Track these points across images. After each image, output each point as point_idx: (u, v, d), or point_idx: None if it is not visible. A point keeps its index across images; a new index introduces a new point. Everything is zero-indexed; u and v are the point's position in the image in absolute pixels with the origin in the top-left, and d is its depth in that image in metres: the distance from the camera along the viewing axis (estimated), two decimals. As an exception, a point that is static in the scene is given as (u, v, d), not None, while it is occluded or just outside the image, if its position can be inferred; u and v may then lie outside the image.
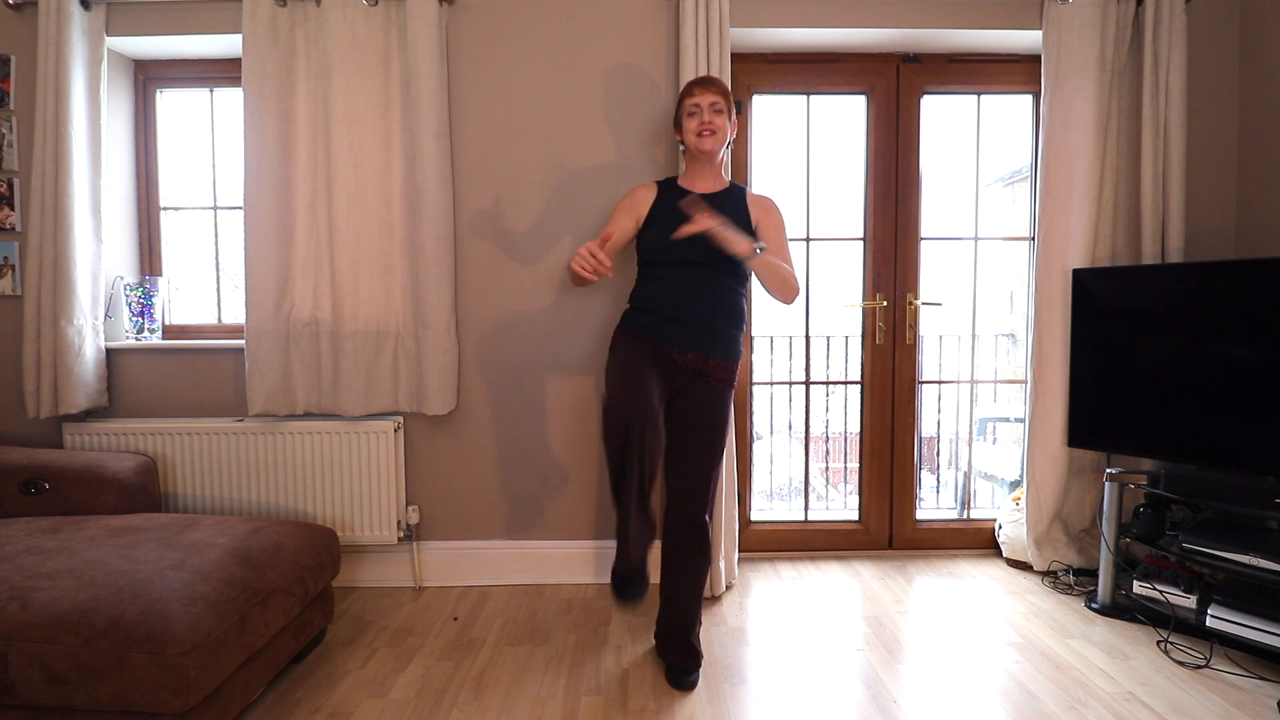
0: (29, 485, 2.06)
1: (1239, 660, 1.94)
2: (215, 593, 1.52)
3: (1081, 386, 2.35)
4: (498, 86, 2.43)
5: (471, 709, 1.75)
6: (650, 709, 1.75)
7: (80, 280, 2.32)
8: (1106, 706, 1.74)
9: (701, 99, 1.87)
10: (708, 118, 1.86)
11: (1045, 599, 2.37)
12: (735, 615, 2.27)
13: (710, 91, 1.87)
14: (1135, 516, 2.26)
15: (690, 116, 1.89)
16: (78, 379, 2.32)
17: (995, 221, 6.81)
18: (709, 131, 1.86)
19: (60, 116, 2.26)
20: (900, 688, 1.84)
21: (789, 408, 4.73)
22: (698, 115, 1.88)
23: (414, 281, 2.37)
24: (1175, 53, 2.34)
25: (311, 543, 1.90)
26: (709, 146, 1.87)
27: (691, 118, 1.89)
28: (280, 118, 2.31)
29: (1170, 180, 2.37)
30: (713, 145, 1.87)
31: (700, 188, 1.94)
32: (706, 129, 1.86)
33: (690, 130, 1.89)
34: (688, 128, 1.90)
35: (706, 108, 1.87)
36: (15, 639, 1.37)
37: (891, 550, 2.79)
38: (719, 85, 1.89)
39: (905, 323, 2.73)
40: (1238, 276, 2.02)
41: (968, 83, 2.68)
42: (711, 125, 1.86)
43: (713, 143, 1.87)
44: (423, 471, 2.51)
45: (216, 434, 2.40)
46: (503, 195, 2.45)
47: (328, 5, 2.29)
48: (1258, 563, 1.93)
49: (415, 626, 2.20)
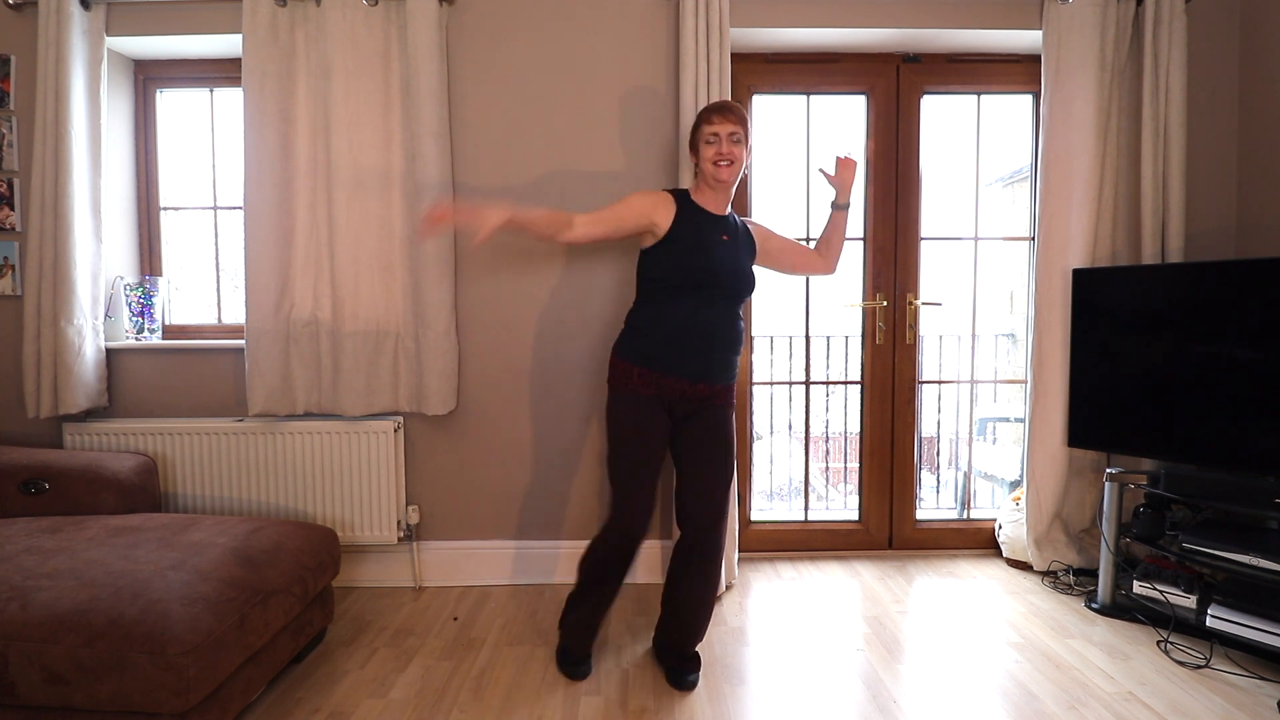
0: (29, 485, 2.06)
1: (1239, 660, 1.94)
2: (215, 593, 1.52)
3: (1081, 386, 2.35)
4: (498, 86, 2.43)
5: (471, 709, 1.75)
6: (650, 709, 1.75)
7: (80, 280, 2.32)
8: (1106, 706, 1.74)
9: (720, 128, 1.84)
10: (726, 148, 1.83)
11: (1045, 599, 2.37)
12: (735, 615, 2.27)
13: (729, 121, 1.84)
14: (1135, 516, 2.26)
15: (708, 145, 1.86)
16: (78, 379, 2.32)
17: (995, 221, 6.80)
18: (726, 162, 1.84)
19: (60, 116, 2.26)
20: (900, 688, 1.84)
21: (789, 408, 4.73)
22: (716, 144, 1.84)
23: (414, 281, 2.37)
24: (1175, 53, 2.34)
25: (311, 543, 1.90)
26: (726, 178, 1.85)
27: (709, 145, 1.85)
28: (280, 118, 2.31)
29: (1170, 180, 2.37)
30: (729, 176, 1.86)
31: (713, 208, 1.92)
32: (724, 159, 1.84)
33: (707, 158, 1.86)
34: (705, 155, 1.86)
35: (725, 138, 1.84)
36: (15, 639, 1.37)
37: (891, 550, 2.79)
38: (738, 114, 1.86)
39: (905, 323, 2.73)
40: (1238, 276, 2.02)
41: (968, 83, 2.68)
42: (730, 155, 1.84)
43: (730, 174, 1.85)
44: (423, 471, 2.51)
45: (216, 434, 2.40)
46: (502, 194, 2.45)
47: (328, 5, 2.29)
48: (1258, 563, 1.93)
49: (415, 626, 2.20)
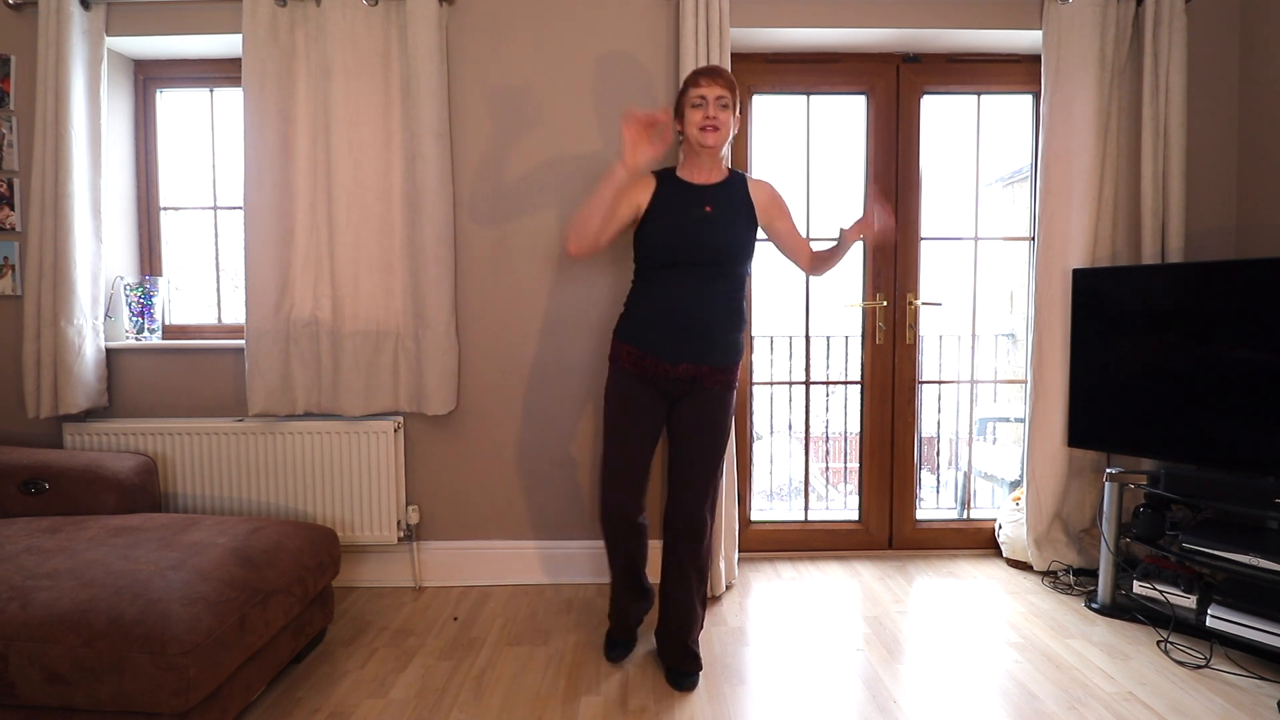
0: (29, 485, 2.06)
1: (1239, 660, 1.94)
2: (215, 593, 1.52)
3: (1081, 386, 2.35)
4: (498, 86, 2.43)
5: (471, 709, 1.75)
6: (650, 709, 1.75)
7: (80, 280, 2.32)
8: (1106, 706, 1.74)
9: (708, 91, 1.77)
10: (713, 112, 1.77)
11: (1045, 599, 2.37)
12: (735, 615, 2.27)
13: (717, 84, 1.78)
14: (1135, 516, 2.26)
15: (694, 108, 1.79)
16: (78, 379, 2.32)
17: (995, 221, 6.81)
18: (712, 128, 1.77)
19: (60, 116, 2.26)
20: (900, 688, 1.84)
21: (789, 408, 4.73)
22: (702, 108, 1.78)
23: (414, 281, 2.37)
24: (1175, 53, 2.34)
25: (311, 543, 1.90)
26: (711, 143, 1.79)
27: (696, 110, 1.78)
28: (280, 118, 2.31)
29: (1170, 180, 2.37)
30: (715, 142, 1.79)
31: (701, 179, 1.87)
32: (710, 124, 1.77)
33: (693, 123, 1.79)
34: (690, 119, 1.79)
35: (712, 101, 1.77)
36: (15, 639, 1.37)
37: (891, 550, 2.79)
38: (726, 78, 1.79)
39: (905, 323, 2.73)
40: (1238, 276, 2.02)
41: (968, 83, 2.68)
42: (715, 121, 1.77)
43: (715, 139, 1.79)
44: (423, 471, 2.51)
45: (216, 434, 2.40)
46: (502, 194, 2.45)
47: (328, 5, 2.29)
48: (1258, 563, 1.93)
49: (415, 626, 2.20)
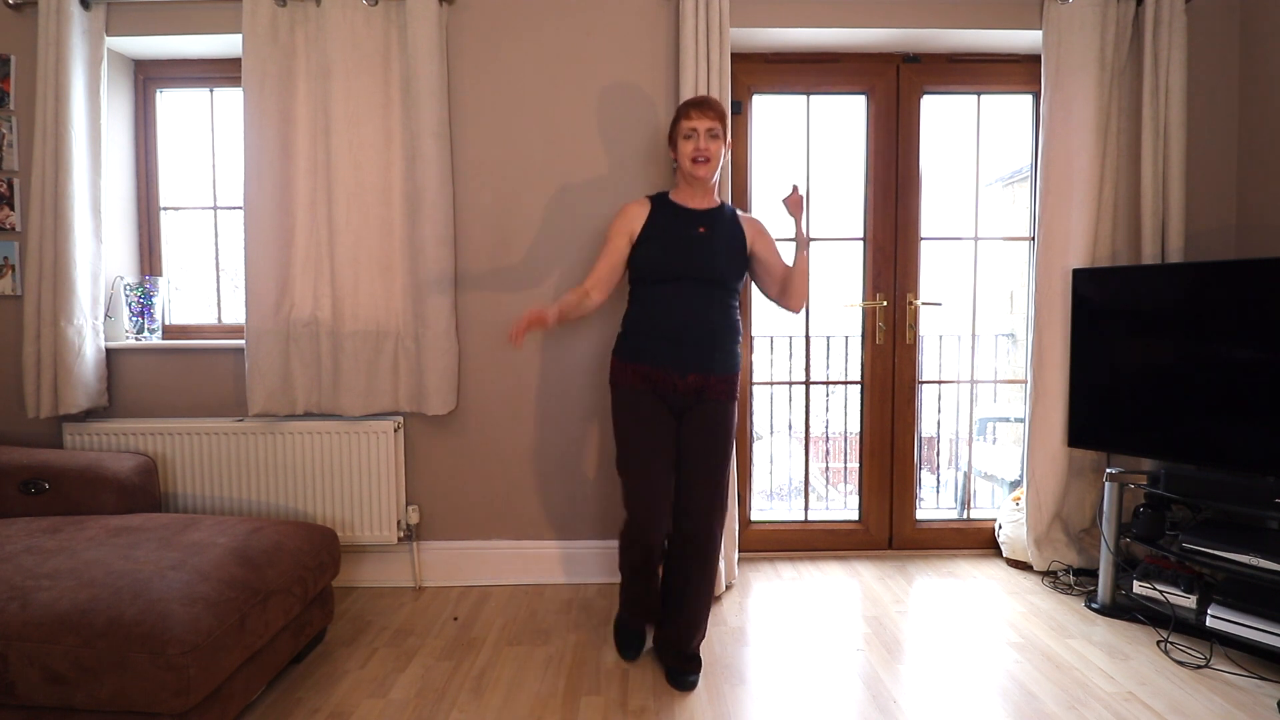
0: (29, 485, 2.06)
1: (1239, 660, 1.94)
2: (215, 593, 1.52)
3: (1081, 386, 2.35)
4: (498, 86, 2.43)
5: (471, 709, 1.75)
6: (650, 709, 1.75)
7: (80, 280, 2.32)
8: (1106, 706, 1.74)
9: (699, 123, 1.84)
10: (704, 144, 1.84)
11: (1045, 599, 2.37)
12: (735, 615, 2.27)
13: (707, 116, 1.84)
14: (1135, 516, 2.26)
15: (686, 140, 1.87)
16: (78, 379, 2.32)
17: (995, 221, 6.81)
18: (704, 159, 1.85)
19: (60, 116, 2.26)
20: (900, 688, 1.84)
21: (789, 408, 4.73)
22: (694, 140, 1.85)
23: (414, 281, 2.37)
24: (1175, 53, 2.34)
25: (311, 543, 1.90)
26: (703, 174, 1.86)
27: (687, 141, 1.87)
28: (280, 118, 2.31)
29: (1170, 180, 2.37)
30: (706, 173, 1.86)
31: (694, 204, 1.93)
32: (701, 155, 1.85)
33: (685, 154, 1.87)
34: (683, 150, 1.88)
35: (703, 133, 1.84)
36: (15, 639, 1.37)
37: (891, 550, 2.79)
38: (716, 109, 1.86)
39: (905, 323, 2.73)
40: (1238, 276, 2.02)
41: (968, 83, 2.68)
42: (706, 152, 1.84)
43: (706, 170, 1.86)
44: (423, 471, 2.51)
45: (216, 434, 2.40)
46: (502, 195, 2.45)
47: (328, 5, 2.29)
48: (1257, 563, 1.93)
49: (415, 626, 2.20)
